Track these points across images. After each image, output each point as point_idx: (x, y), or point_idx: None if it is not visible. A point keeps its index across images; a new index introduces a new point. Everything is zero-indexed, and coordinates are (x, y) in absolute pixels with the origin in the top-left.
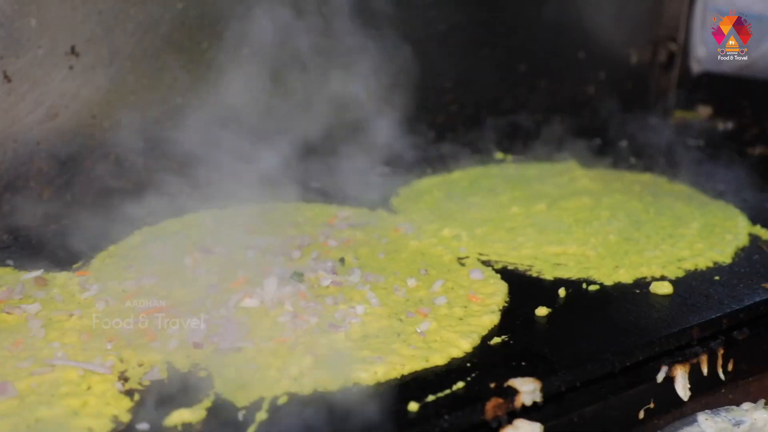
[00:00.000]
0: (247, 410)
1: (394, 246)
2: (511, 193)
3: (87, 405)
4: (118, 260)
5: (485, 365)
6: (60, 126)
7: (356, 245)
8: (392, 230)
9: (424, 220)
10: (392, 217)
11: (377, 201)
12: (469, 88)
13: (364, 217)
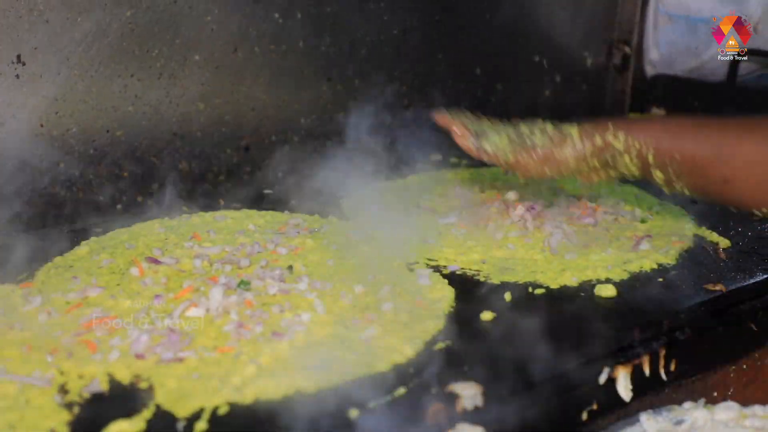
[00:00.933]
0: (187, 421)
1: (343, 252)
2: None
3: (24, 419)
4: (63, 271)
5: (428, 371)
6: (5, 136)
7: (306, 252)
8: (343, 236)
9: (374, 226)
10: (344, 224)
11: (329, 207)
12: (424, 92)
13: (316, 224)
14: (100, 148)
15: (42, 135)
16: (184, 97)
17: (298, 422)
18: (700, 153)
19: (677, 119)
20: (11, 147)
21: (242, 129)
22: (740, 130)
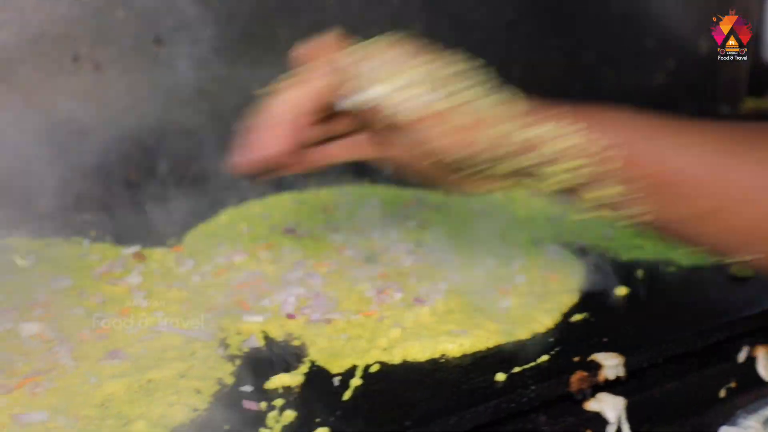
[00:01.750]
0: (342, 377)
1: (470, 227)
2: None
3: (193, 368)
4: (208, 238)
5: (567, 341)
6: (146, 113)
7: (433, 226)
8: (467, 212)
9: (498, 203)
10: (466, 200)
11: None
12: (535, 77)
13: (439, 200)
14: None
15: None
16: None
17: (445, 383)
18: (690, 168)
19: (663, 119)
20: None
21: None
22: (751, 141)
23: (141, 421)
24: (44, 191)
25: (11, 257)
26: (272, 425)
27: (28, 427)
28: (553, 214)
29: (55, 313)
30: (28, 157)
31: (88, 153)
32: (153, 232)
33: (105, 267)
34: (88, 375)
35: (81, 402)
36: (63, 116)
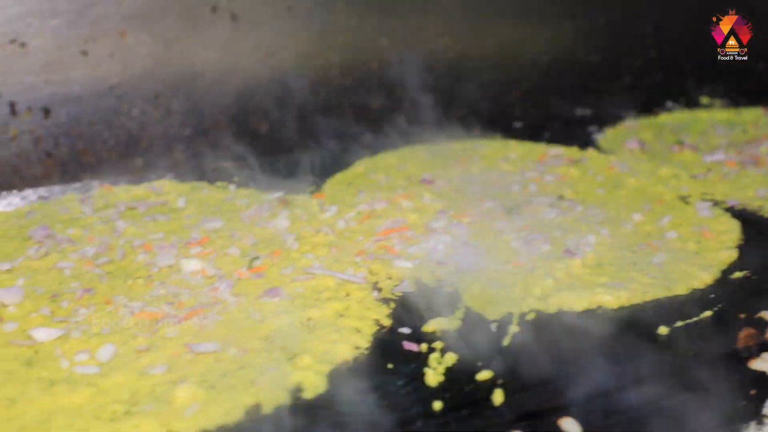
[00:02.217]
0: (499, 323)
1: (611, 183)
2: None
3: (350, 309)
4: (347, 186)
5: (730, 297)
6: (277, 64)
7: (572, 181)
8: (606, 168)
9: (637, 160)
10: (604, 156)
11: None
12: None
13: (575, 155)
14: (356, 80)
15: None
16: (431, 32)
17: (606, 334)
18: None
19: None
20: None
21: (484, 65)
22: None
23: (306, 355)
24: (182, 138)
25: (165, 198)
26: (435, 366)
27: (201, 355)
28: (698, 173)
29: (212, 251)
30: (167, 106)
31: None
32: (292, 179)
33: (252, 211)
34: (250, 310)
35: (247, 335)
36: (200, 67)
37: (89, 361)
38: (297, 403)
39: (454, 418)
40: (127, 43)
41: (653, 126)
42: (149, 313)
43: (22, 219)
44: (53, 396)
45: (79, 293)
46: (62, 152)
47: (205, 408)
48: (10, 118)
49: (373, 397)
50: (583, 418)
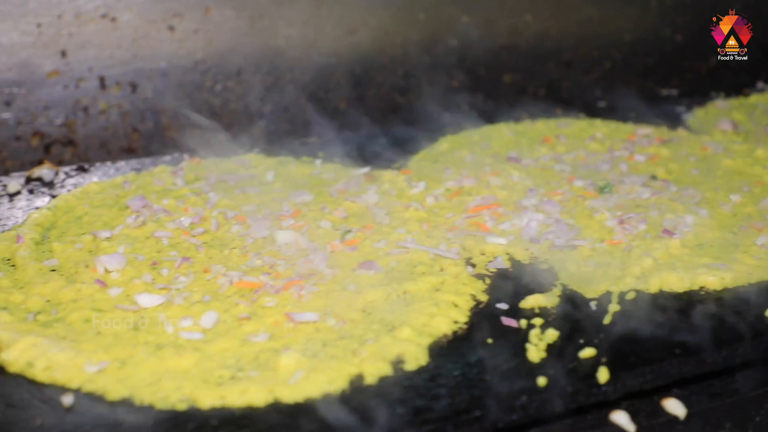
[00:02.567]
0: (598, 301)
1: (705, 164)
2: None
3: (445, 283)
4: (431, 163)
5: None
6: (358, 42)
7: (664, 161)
8: (699, 149)
9: (730, 141)
10: (695, 137)
11: (671, 121)
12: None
13: (665, 135)
14: (436, 58)
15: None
16: (513, 8)
17: (712, 316)
18: None
19: None
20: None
21: (566, 43)
22: None
23: (406, 327)
24: (263, 114)
25: (253, 172)
26: (536, 342)
27: (302, 324)
28: None
29: (304, 224)
30: (249, 81)
31: (304, 79)
32: (375, 156)
33: (341, 185)
34: (346, 282)
35: (345, 306)
36: (282, 43)
37: (193, 327)
38: (399, 375)
39: (557, 394)
40: (212, 18)
41: (744, 106)
42: (248, 282)
43: (118, 189)
44: (161, 359)
45: (178, 261)
46: (147, 127)
47: (309, 376)
48: (100, 92)
49: (475, 370)
50: (687, 399)
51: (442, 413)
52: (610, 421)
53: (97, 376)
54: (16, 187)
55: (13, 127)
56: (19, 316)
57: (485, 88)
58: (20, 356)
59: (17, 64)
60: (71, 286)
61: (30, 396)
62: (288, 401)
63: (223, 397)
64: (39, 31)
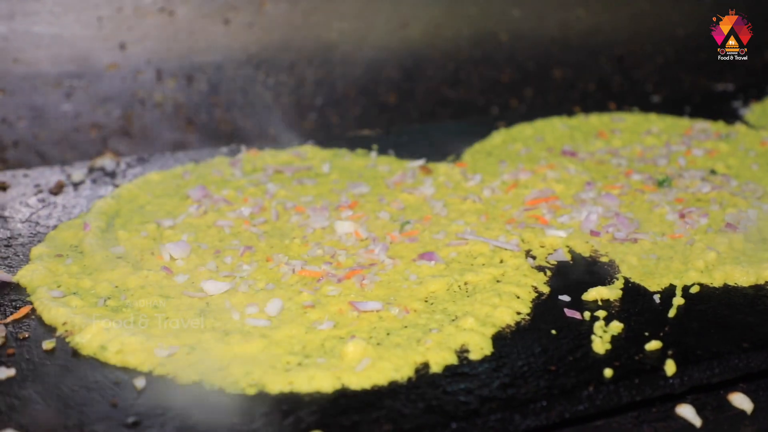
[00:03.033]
0: (662, 294)
1: (765, 159)
2: None
3: (506, 275)
4: (486, 156)
5: None
6: (409, 36)
7: (723, 156)
8: (759, 144)
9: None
10: (754, 132)
11: (728, 116)
12: None
13: (723, 130)
14: (486, 52)
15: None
16: (565, 3)
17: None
18: None
19: None
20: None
21: (617, 38)
22: None
23: (469, 317)
24: (314, 107)
25: (309, 163)
26: (600, 334)
27: (366, 313)
28: None
29: (363, 215)
30: (301, 75)
31: (355, 73)
32: (430, 148)
33: (397, 177)
34: (407, 273)
35: (407, 296)
36: (334, 37)
37: (259, 314)
38: (464, 364)
39: (625, 385)
40: (266, 12)
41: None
42: (310, 271)
43: (178, 179)
44: (228, 345)
45: (240, 250)
46: (201, 119)
47: (375, 364)
48: (156, 84)
49: (540, 360)
50: (754, 393)
51: (508, 403)
52: (676, 414)
53: (167, 361)
54: (80, 176)
55: (73, 118)
56: (89, 300)
57: (535, 82)
58: (93, 340)
59: (77, 57)
60: (138, 273)
61: (104, 378)
62: (355, 388)
63: (291, 382)
64: (99, 24)
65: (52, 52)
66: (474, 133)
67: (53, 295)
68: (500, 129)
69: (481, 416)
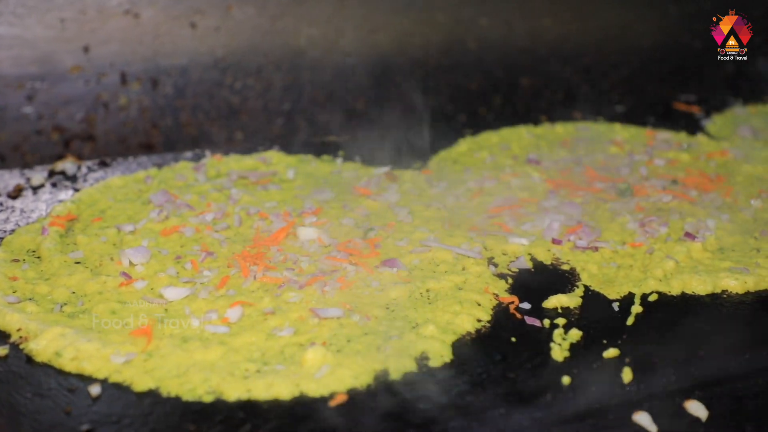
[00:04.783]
0: (621, 302)
1: (724, 169)
2: None
3: (468, 282)
4: (451, 164)
5: None
6: (378, 42)
7: (684, 166)
8: (719, 154)
9: (750, 147)
10: (715, 142)
11: (690, 126)
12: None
13: (685, 140)
14: (455, 60)
15: (405, 43)
16: (533, 12)
17: (734, 319)
18: None
19: None
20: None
21: (584, 48)
22: None
23: (430, 325)
24: (282, 113)
25: (274, 169)
26: (560, 342)
27: (326, 320)
28: None
29: (326, 221)
30: (268, 80)
31: (323, 79)
32: (397, 155)
33: (362, 184)
34: (369, 279)
35: (368, 303)
36: (303, 42)
37: (218, 320)
38: (424, 371)
39: (582, 393)
40: (234, 16)
41: (763, 114)
42: (271, 277)
43: (140, 184)
44: (187, 352)
45: (201, 256)
46: (166, 123)
47: (334, 371)
48: (121, 88)
49: (499, 368)
50: (709, 401)
51: (466, 410)
52: (633, 422)
53: (124, 367)
54: (39, 180)
55: (35, 121)
56: (45, 306)
57: (503, 90)
58: (48, 346)
59: (39, 59)
60: (97, 279)
61: (58, 385)
62: (314, 395)
63: (249, 390)
64: (62, 26)
65: (14, 54)
66: (441, 140)
67: (8, 300)
68: (466, 137)
69: (438, 423)
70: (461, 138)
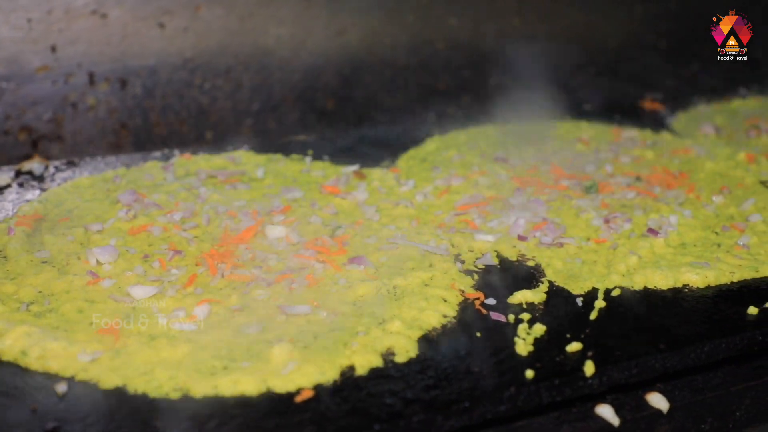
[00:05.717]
0: (584, 298)
1: (688, 166)
2: None
3: (434, 279)
4: (420, 162)
5: None
6: (347, 42)
7: (648, 163)
8: (682, 151)
9: (713, 144)
10: (679, 140)
11: (655, 124)
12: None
13: (649, 138)
14: (423, 59)
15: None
16: (501, 12)
17: (694, 312)
18: None
19: None
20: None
21: (551, 48)
22: None
23: (396, 321)
24: (251, 113)
25: (243, 168)
26: (524, 336)
27: (294, 317)
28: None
29: (295, 219)
30: (238, 80)
31: (292, 79)
32: (364, 155)
33: (330, 182)
34: (337, 277)
35: (335, 300)
36: (271, 43)
37: (186, 318)
38: (390, 366)
39: (545, 386)
40: (202, 16)
41: (726, 111)
42: (239, 275)
43: (108, 183)
44: (154, 350)
45: (169, 255)
46: (135, 123)
47: (301, 367)
48: (89, 88)
49: (464, 363)
50: (671, 393)
51: (431, 404)
52: (595, 414)
53: (90, 365)
54: (5, 180)
55: (2, 121)
56: (11, 306)
57: (472, 89)
58: (14, 345)
59: (6, 59)
60: (63, 278)
61: (24, 384)
62: (280, 391)
63: (216, 386)
64: (29, 26)
65: None
66: (409, 139)
67: None
68: (435, 136)
69: (404, 417)
70: (430, 137)
